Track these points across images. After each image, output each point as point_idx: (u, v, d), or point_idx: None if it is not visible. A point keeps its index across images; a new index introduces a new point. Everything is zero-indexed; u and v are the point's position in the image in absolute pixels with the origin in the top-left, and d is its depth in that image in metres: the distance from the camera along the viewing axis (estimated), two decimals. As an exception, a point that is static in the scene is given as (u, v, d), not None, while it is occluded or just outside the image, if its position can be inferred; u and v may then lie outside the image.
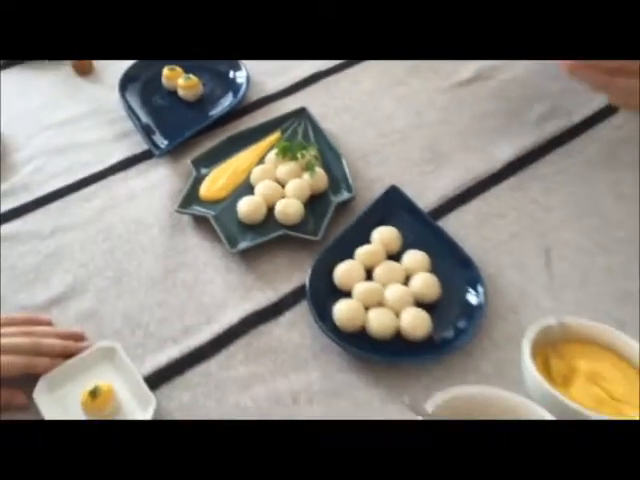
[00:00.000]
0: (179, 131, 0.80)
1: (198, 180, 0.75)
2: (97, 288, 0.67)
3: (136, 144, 0.81)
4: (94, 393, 0.56)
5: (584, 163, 0.79)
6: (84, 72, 0.90)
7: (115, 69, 0.90)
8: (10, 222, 0.73)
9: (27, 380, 0.58)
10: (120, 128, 0.83)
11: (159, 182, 0.77)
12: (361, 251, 0.67)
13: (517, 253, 0.69)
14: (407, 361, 0.60)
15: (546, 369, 0.56)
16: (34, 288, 0.66)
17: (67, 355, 0.59)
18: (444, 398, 0.52)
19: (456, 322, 0.62)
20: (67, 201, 0.75)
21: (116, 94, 0.87)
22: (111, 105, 0.86)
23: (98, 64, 0.92)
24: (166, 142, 0.79)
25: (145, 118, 0.83)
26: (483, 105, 0.86)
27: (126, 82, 0.87)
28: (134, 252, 0.70)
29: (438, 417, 0.51)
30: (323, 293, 0.64)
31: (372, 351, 0.60)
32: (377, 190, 0.74)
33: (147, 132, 0.81)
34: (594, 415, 0.51)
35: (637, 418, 0.52)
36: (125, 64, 0.89)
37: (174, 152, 0.79)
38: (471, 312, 0.63)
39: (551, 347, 0.57)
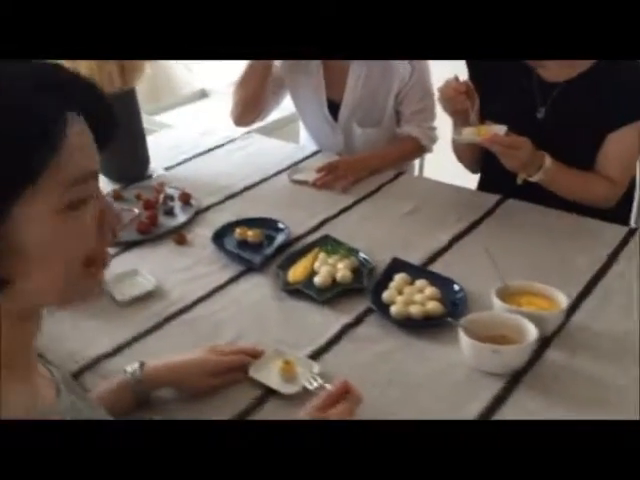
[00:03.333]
0: (259, 256, 1.35)
1: (282, 274, 1.28)
2: (253, 339, 1.15)
3: (234, 270, 1.34)
4: (287, 362, 1.03)
5: (487, 234, 1.41)
6: (181, 243, 1.44)
7: (201, 240, 1.44)
8: (178, 317, 1.21)
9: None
10: (220, 265, 1.36)
11: (260, 282, 1.29)
12: (392, 284, 1.22)
13: (478, 275, 1.26)
14: (433, 326, 1.13)
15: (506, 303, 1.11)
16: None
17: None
18: (471, 316, 1.06)
19: (451, 308, 1.17)
20: (203, 306, 1.24)
21: (204, 251, 1.40)
22: (205, 256, 1.40)
23: (190, 236, 1.46)
24: (257, 261, 1.33)
25: (237, 252, 1.37)
26: (421, 220, 1.49)
27: (215, 239, 1.42)
28: (264, 312, 1.20)
29: (471, 325, 1.04)
30: (380, 306, 1.17)
31: (416, 324, 1.13)
32: (384, 261, 1.31)
33: (243, 259, 1.35)
34: (530, 310, 1.07)
35: (549, 311, 1.08)
36: (209, 233, 1.44)
37: (260, 267, 1.33)
38: (459, 300, 1.18)
39: (506, 295, 1.13)
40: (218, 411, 0.99)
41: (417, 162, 2.09)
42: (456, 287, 1.21)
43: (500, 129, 1.34)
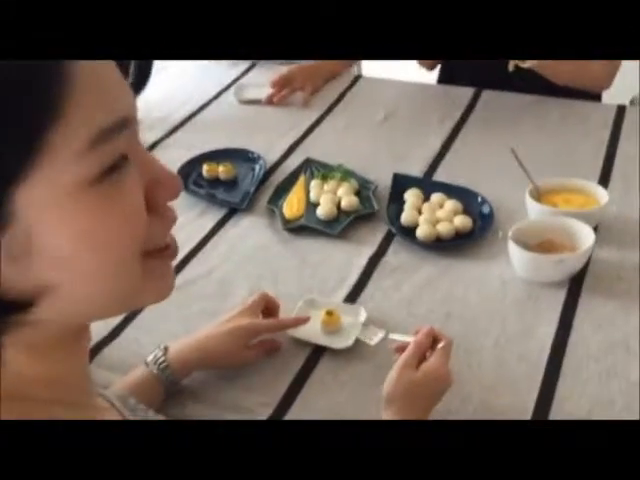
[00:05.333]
0: (241, 194, 1.16)
1: (278, 212, 1.11)
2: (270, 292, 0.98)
3: (214, 214, 1.14)
4: (330, 313, 0.88)
5: (479, 132, 1.30)
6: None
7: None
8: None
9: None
10: (196, 212, 1.15)
11: (252, 224, 1.11)
12: (407, 204, 1.08)
13: (490, 179, 1.15)
14: (470, 244, 1.02)
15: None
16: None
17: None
18: (518, 225, 0.95)
19: (481, 221, 1.06)
20: (196, 263, 1.04)
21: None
22: (174, 203, 1.18)
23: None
24: (240, 200, 1.15)
25: (213, 193, 1.18)
26: (401, 126, 1.35)
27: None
28: (272, 259, 1.03)
29: (518, 235, 0.93)
30: (402, 230, 1.04)
31: (452, 244, 1.01)
32: (382, 179, 1.16)
33: (223, 201, 1.16)
34: (565, 209, 0.98)
35: (593, 207, 0.99)
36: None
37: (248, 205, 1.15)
38: (486, 211, 1.07)
39: (540, 197, 1.03)
40: (269, 386, 0.83)
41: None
42: (479, 198, 1.09)
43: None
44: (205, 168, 1.22)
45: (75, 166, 0.36)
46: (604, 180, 1.14)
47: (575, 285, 0.94)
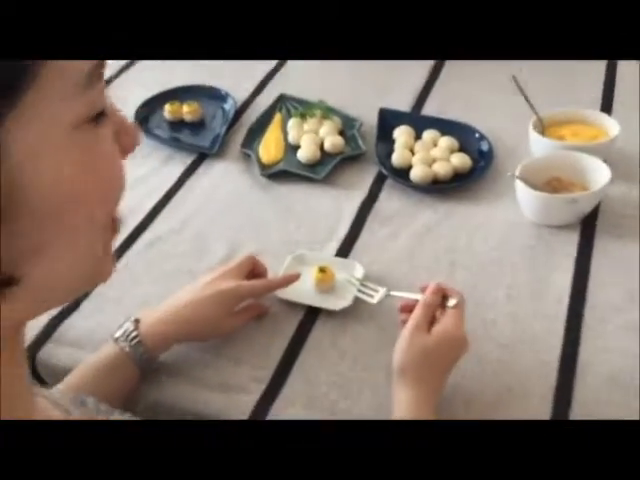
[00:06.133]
0: (210, 137, 1.03)
1: (254, 156, 0.99)
2: (253, 248, 0.88)
3: (182, 161, 1.01)
4: (323, 270, 0.78)
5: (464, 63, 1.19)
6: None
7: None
8: (138, 240, 0.89)
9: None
10: (161, 157, 1.02)
11: (226, 171, 0.99)
12: (397, 143, 0.97)
13: (484, 113, 1.04)
14: (463, 183, 0.92)
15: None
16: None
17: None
18: (526, 163, 0.85)
19: (479, 159, 0.96)
20: (166, 217, 0.93)
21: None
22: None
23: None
24: (211, 144, 1.02)
25: (178, 137, 1.05)
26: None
27: (141, 124, 1.06)
28: (252, 209, 0.92)
29: (525, 174, 0.83)
30: (394, 172, 0.94)
31: (440, 186, 0.92)
32: (367, 115, 1.05)
33: (192, 145, 1.03)
34: (574, 143, 0.89)
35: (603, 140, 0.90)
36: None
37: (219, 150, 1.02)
38: (485, 147, 0.97)
39: (544, 130, 0.93)
40: (260, 357, 0.73)
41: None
42: (477, 134, 0.99)
43: None
44: (167, 109, 1.08)
45: (64, 107, 0.31)
46: (606, 110, 1.05)
47: (587, 227, 0.85)
